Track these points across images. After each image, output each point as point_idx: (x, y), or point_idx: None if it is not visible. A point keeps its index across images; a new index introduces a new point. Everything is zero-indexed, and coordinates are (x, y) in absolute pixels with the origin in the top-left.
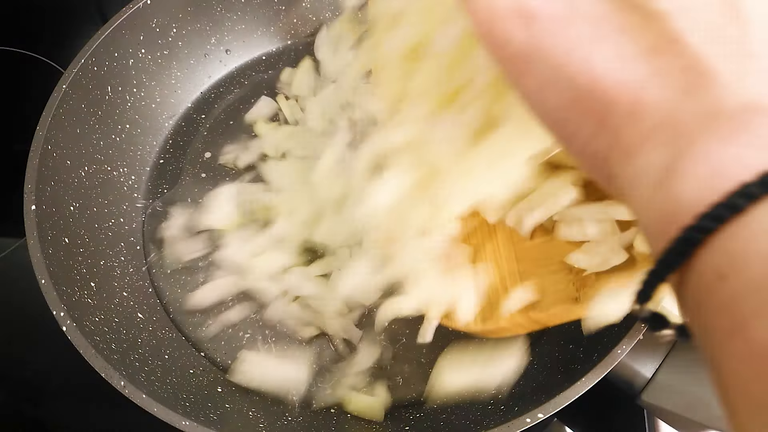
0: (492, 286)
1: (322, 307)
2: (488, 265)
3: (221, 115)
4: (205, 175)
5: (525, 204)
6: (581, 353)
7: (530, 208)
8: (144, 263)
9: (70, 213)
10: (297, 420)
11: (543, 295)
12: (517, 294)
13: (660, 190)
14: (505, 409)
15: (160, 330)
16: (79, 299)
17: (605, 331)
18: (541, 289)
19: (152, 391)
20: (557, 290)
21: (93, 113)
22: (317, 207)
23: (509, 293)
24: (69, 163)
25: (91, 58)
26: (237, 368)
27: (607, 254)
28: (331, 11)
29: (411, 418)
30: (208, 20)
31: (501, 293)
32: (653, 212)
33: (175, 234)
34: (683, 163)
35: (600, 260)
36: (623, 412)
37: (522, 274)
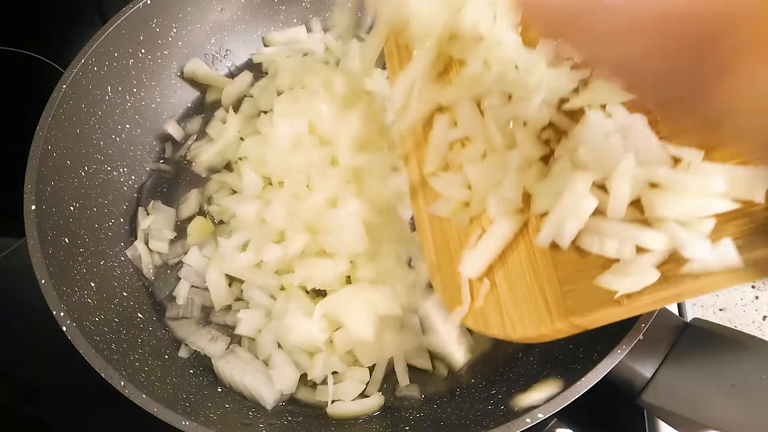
0: (529, 292)
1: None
2: (525, 272)
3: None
4: (205, 175)
5: (553, 219)
6: (581, 353)
7: (559, 222)
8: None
9: (70, 213)
10: (297, 420)
11: (583, 301)
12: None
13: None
14: (505, 409)
15: (160, 330)
16: (79, 299)
17: (605, 331)
18: (582, 296)
19: (152, 391)
20: (598, 295)
21: (93, 113)
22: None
23: (548, 300)
24: (69, 163)
25: (91, 58)
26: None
27: (639, 274)
28: (331, 11)
29: (411, 418)
30: (208, 20)
31: (539, 299)
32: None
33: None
34: None
35: (631, 281)
36: (623, 412)
37: (561, 281)
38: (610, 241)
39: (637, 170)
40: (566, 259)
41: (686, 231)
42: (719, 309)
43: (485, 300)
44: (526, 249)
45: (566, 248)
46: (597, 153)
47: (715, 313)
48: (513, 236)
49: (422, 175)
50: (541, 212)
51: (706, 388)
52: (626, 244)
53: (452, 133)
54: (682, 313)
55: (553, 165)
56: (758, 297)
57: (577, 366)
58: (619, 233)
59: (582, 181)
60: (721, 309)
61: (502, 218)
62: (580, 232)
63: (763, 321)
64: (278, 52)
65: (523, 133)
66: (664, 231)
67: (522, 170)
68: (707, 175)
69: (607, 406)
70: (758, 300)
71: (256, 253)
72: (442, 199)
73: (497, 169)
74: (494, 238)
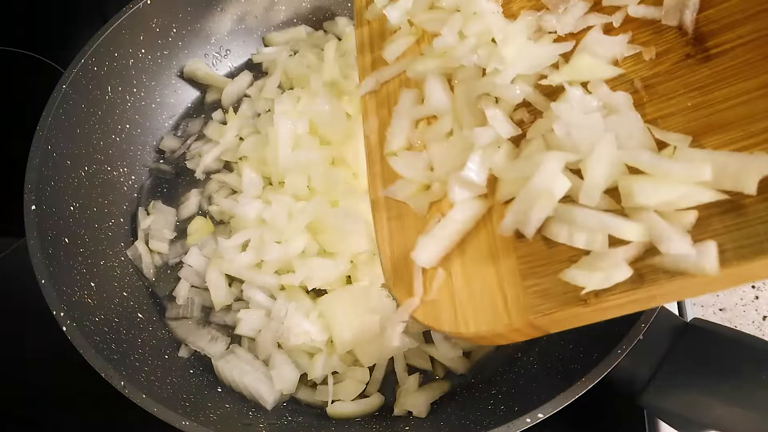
0: (486, 286)
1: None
2: (484, 263)
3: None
4: (205, 175)
5: (520, 203)
6: (581, 353)
7: (526, 207)
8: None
9: (70, 213)
10: (297, 420)
11: (546, 298)
12: (515, 295)
13: None
14: (505, 409)
15: (160, 330)
16: (79, 299)
17: (605, 331)
18: (544, 292)
19: (152, 391)
20: (562, 292)
21: (93, 113)
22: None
23: (507, 295)
24: (69, 163)
25: (91, 58)
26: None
27: (609, 269)
28: (331, 12)
29: (411, 419)
30: (208, 20)
31: (497, 294)
32: None
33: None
34: None
35: (601, 276)
36: (623, 412)
37: (523, 275)
38: (580, 231)
39: (617, 153)
40: (531, 251)
41: (666, 223)
42: (719, 309)
43: (438, 292)
44: (487, 238)
45: (531, 238)
46: (573, 132)
47: (715, 313)
48: (474, 223)
49: (383, 154)
50: (507, 198)
51: (706, 388)
52: (598, 234)
53: (418, 109)
54: (682, 313)
55: (524, 148)
56: (758, 297)
57: (577, 366)
58: (591, 222)
59: (554, 160)
60: (721, 309)
61: (463, 203)
62: (547, 219)
63: (763, 321)
64: (278, 52)
65: (494, 111)
66: (641, 221)
67: (489, 151)
68: (694, 162)
69: (607, 406)
70: (758, 300)
71: (256, 253)
72: (401, 180)
73: (462, 150)
74: (453, 223)
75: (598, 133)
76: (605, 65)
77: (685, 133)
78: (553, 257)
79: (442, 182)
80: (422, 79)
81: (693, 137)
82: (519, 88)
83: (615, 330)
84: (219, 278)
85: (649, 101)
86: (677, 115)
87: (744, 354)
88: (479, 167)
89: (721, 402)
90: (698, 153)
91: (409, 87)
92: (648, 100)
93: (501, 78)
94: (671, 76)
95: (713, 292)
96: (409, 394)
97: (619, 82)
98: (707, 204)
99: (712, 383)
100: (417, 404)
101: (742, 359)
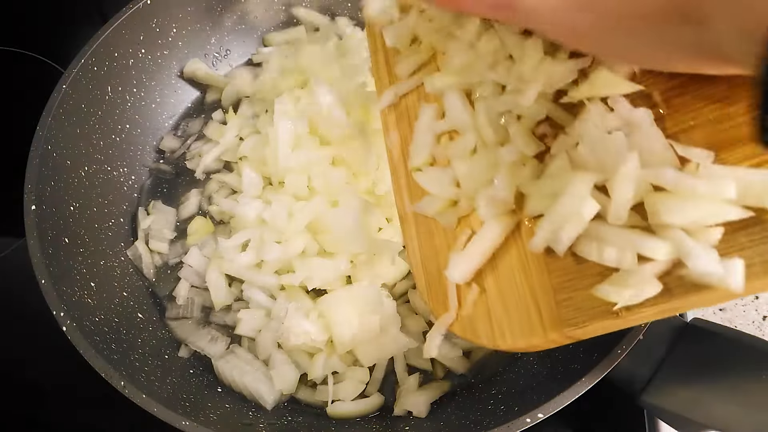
0: (521, 300)
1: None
2: (516, 276)
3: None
4: (205, 175)
5: (549, 223)
6: (581, 353)
7: (555, 227)
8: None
9: (70, 213)
10: (297, 420)
11: (579, 312)
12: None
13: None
14: (505, 409)
15: (160, 330)
16: (79, 299)
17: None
18: (577, 306)
19: (152, 391)
20: (594, 306)
21: (93, 113)
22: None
23: (541, 309)
24: (69, 163)
25: (91, 58)
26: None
27: (639, 285)
28: (331, 11)
29: (411, 419)
30: (208, 20)
31: (531, 308)
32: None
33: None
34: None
35: (632, 292)
36: (623, 412)
37: (555, 289)
38: (610, 249)
39: (641, 172)
40: (561, 266)
41: (692, 240)
42: (719, 309)
43: (474, 307)
44: (518, 253)
45: (562, 255)
46: (598, 151)
47: (715, 313)
48: (504, 239)
49: (407, 169)
50: (535, 214)
51: (706, 388)
52: (627, 252)
53: (439, 124)
54: (682, 313)
55: (549, 163)
56: (758, 297)
57: (577, 366)
58: (620, 240)
59: (582, 183)
60: (721, 309)
61: (492, 220)
62: (577, 237)
63: (763, 321)
64: (278, 52)
65: (517, 128)
66: (668, 239)
67: (515, 168)
68: (717, 179)
69: (607, 406)
70: (758, 300)
71: (256, 253)
72: (427, 196)
73: (488, 166)
74: (484, 240)
75: (622, 151)
76: (623, 81)
77: (708, 148)
78: (583, 272)
79: (469, 198)
80: (441, 94)
81: (716, 152)
82: (540, 105)
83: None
84: (219, 278)
85: (669, 114)
86: (698, 128)
87: (744, 354)
88: (506, 185)
89: (721, 402)
90: (722, 170)
91: (428, 101)
92: (668, 114)
93: (522, 96)
94: (689, 89)
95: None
96: (409, 394)
97: (638, 96)
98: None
99: (712, 383)
100: (417, 404)
101: (742, 359)
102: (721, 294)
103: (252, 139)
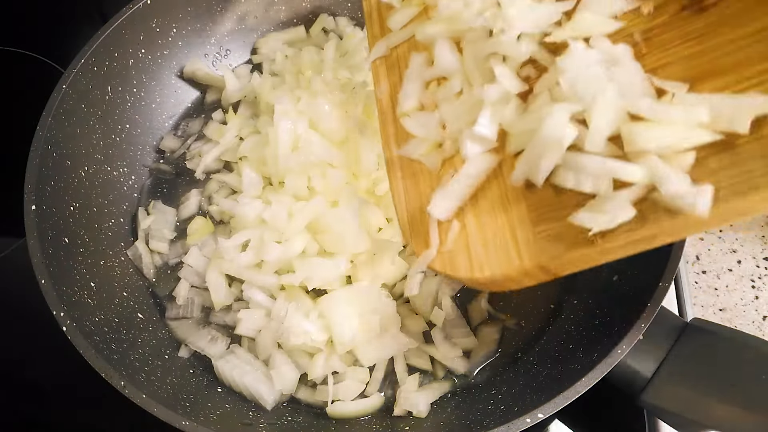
0: (499, 234)
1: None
2: (495, 212)
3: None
4: (205, 175)
5: (529, 153)
6: (581, 353)
7: (535, 157)
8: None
9: (70, 213)
10: (297, 420)
11: (555, 241)
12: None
13: None
14: (505, 409)
15: (160, 330)
16: (79, 299)
17: (605, 331)
18: (554, 236)
19: (152, 391)
20: (571, 235)
21: (93, 113)
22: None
23: (518, 240)
24: (69, 163)
25: (91, 58)
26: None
27: (614, 210)
28: (331, 11)
29: (411, 419)
30: (208, 20)
31: (509, 240)
32: None
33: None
34: None
35: (607, 218)
36: (623, 412)
37: (534, 222)
38: (586, 176)
39: (619, 101)
40: (540, 199)
41: (666, 165)
42: (719, 309)
43: (454, 242)
44: (499, 190)
45: (541, 186)
46: (578, 85)
47: (715, 313)
48: (486, 176)
49: (395, 116)
50: (517, 151)
51: (706, 388)
52: (603, 178)
53: (429, 71)
54: (682, 313)
55: (531, 102)
56: (758, 297)
57: (577, 366)
58: (596, 166)
59: (561, 111)
60: (721, 309)
61: (475, 157)
62: (555, 168)
63: (763, 321)
64: (278, 52)
65: (502, 68)
66: (643, 165)
67: (499, 106)
68: (691, 105)
69: (607, 406)
70: (758, 300)
71: (256, 253)
72: (414, 140)
73: (472, 107)
74: (466, 177)
75: (601, 84)
76: (606, 20)
77: (683, 81)
78: (561, 203)
79: (453, 140)
80: (431, 43)
81: (690, 84)
82: (525, 46)
83: (615, 330)
84: (219, 278)
85: (648, 53)
86: (675, 64)
87: (744, 354)
88: (489, 122)
89: (721, 402)
90: (695, 97)
91: (418, 51)
92: (647, 52)
93: (507, 36)
94: (669, 28)
95: (712, 229)
96: (409, 394)
97: (620, 36)
98: (704, 145)
99: (712, 383)
100: (417, 404)
101: (742, 359)
102: (693, 221)
103: (252, 139)
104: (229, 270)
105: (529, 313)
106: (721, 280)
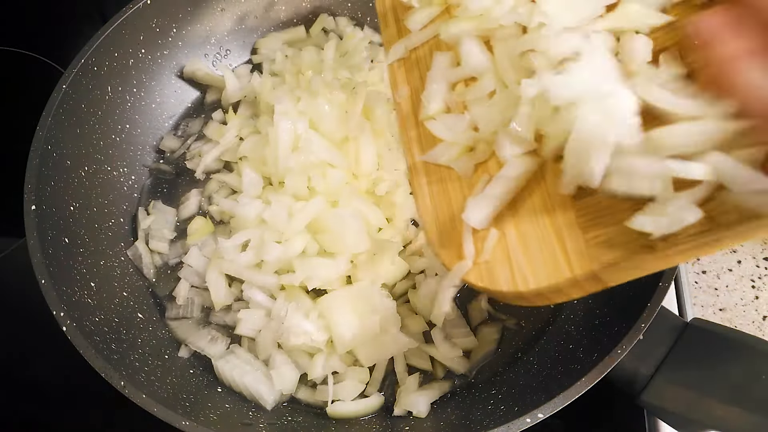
0: (545, 241)
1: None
2: (539, 218)
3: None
4: (205, 175)
5: (573, 156)
6: (581, 353)
7: (583, 157)
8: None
9: (70, 213)
10: (297, 420)
11: (610, 248)
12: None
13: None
14: (505, 409)
15: (160, 330)
16: (79, 299)
17: (605, 331)
18: (608, 242)
19: (152, 391)
20: (627, 241)
21: (93, 113)
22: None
23: (567, 248)
24: (69, 163)
25: (91, 58)
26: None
27: (677, 213)
28: (331, 11)
29: (411, 419)
30: (208, 20)
31: (557, 248)
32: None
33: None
34: None
35: (669, 221)
36: (623, 412)
37: (583, 228)
38: (639, 177)
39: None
40: (590, 204)
41: (734, 160)
42: (719, 309)
43: (492, 252)
44: (541, 195)
45: (597, 187)
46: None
47: (715, 313)
48: (526, 180)
49: (417, 120)
50: (555, 151)
51: (706, 388)
52: (660, 179)
53: (455, 71)
54: (682, 313)
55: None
56: (758, 297)
57: (577, 366)
58: (652, 167)
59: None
60: (721, 309)
61: (514, 159)
62: (608, 172)
63: (763, 321)
64: (278, 52)
65: (541, 62)
66: (705, 161)
67: (536, 104)
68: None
69: (607, 406)
70: (758, 300)
71: (256, 253)
72: (441, 144)
73: (507, 107)
74: (505, 181)
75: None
76: (654, 12)
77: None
78: (612, 208)
79: (487, 142)
80: (456, 42)
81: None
82: (564, 41)
83: (615, 330)
84: (219, 278)
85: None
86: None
87: (744, 354)
88: (527, 120)
89: (721, 402)
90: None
91: (440, 50)
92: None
93: (548, 31)
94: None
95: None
96: (409, 394)
97: (670, 30)
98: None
99: (712, 383)
100: (417, 404)
101: (742, 359)
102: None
103: (252, 139)
104: (229, 270)
105: (529, 313)
106: (721, 280)
